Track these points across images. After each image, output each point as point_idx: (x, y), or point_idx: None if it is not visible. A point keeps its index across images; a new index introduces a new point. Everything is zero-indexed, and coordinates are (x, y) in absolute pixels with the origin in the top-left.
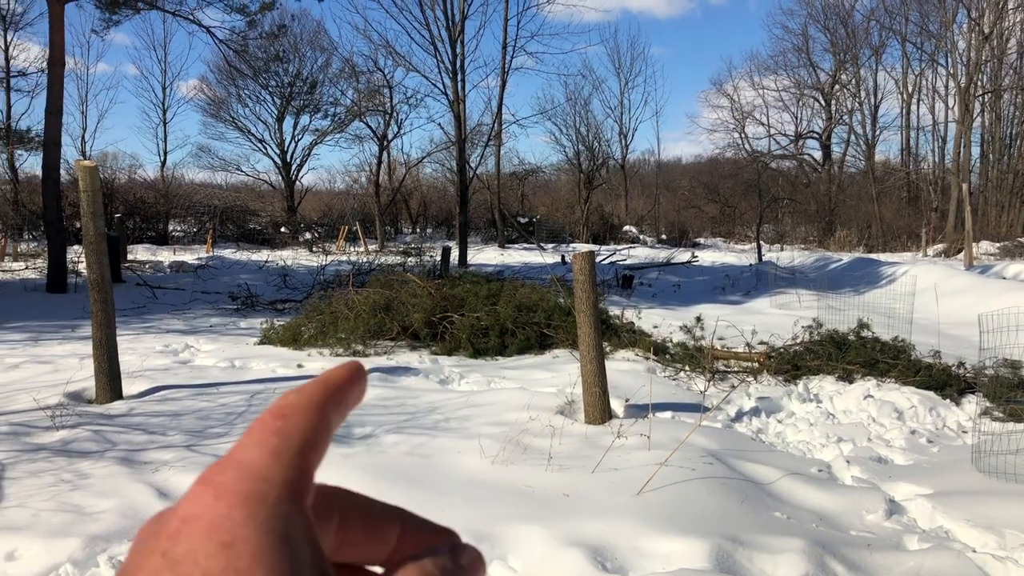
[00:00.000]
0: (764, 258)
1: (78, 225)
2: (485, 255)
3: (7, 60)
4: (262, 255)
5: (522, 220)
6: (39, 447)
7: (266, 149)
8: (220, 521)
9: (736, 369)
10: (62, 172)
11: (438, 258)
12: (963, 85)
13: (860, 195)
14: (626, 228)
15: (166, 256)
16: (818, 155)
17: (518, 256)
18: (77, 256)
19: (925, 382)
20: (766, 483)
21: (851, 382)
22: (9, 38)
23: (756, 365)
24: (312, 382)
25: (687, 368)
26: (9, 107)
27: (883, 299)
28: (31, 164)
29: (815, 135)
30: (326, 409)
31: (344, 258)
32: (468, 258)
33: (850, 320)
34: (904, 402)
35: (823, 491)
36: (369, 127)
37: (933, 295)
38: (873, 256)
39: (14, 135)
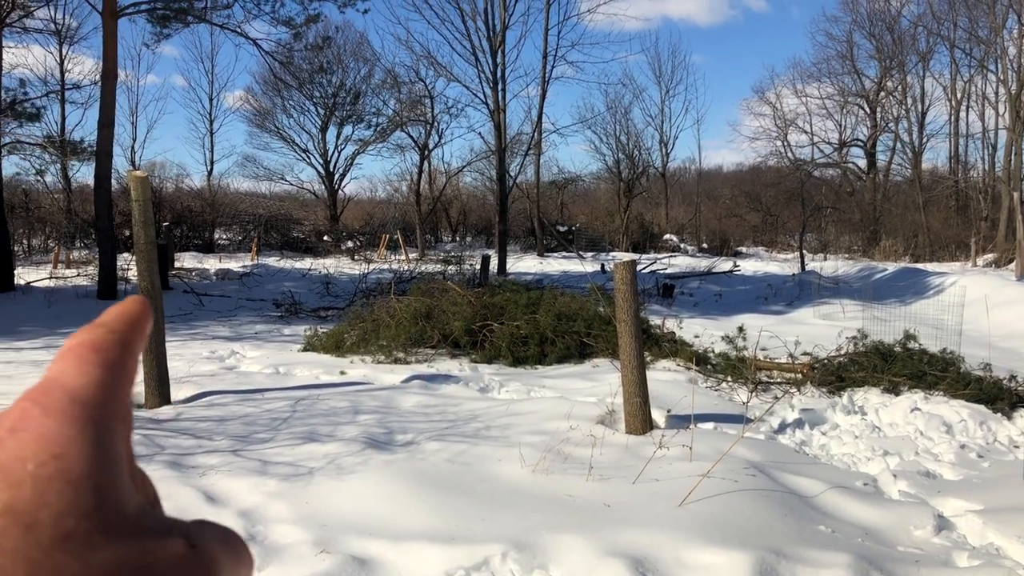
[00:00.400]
0: (807, 268)
1: (127, 233)
2: (524, 263)
3: (62, 74)
4: (305, 263)
5: (561, 229)
6: None
7: (310, 159)
8: (50, 435)
9: (779, 380)
10: (112, 181)
11: (477, 266)
12: (1014, 91)
13: (906, 204)
14: (667, 237)
15: (212, 264)
16: (863, 163)
17: (557, 265)
18: (126, 263)
19: (975, 395)
20: (810, 496)
21: (897, 395)
22: (64, 52)
23: (799, 376)
24: (117, 317)
25: (729, 379)
26: (63, 119)
27: (931, 310)
28: (83, 174)
29: (860, 143)
30: (137, 349)
31: (385, 266)
32: (507, 266)
33: (896, 331)
34: (953, 416)
35: (869, 505)
36: (410, 137)
37: (983, 306)
38: (920, 266)
39: (68, 146)
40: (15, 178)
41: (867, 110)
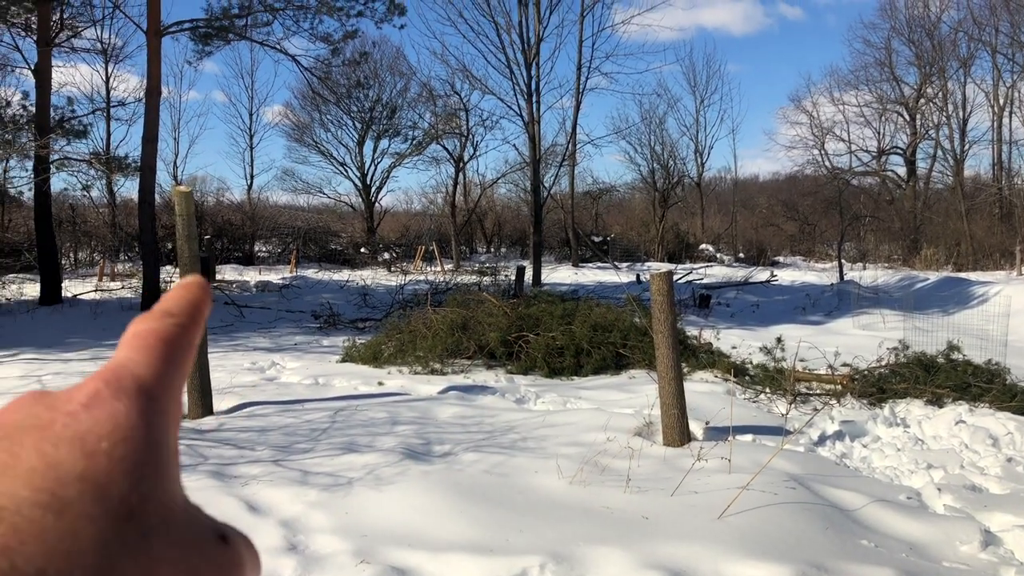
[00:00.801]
0: (846, 277)
1: (170, 246)
2: (559, 274)
3: (108, 91)
4: (343, 275)
5: (596, 239)
6: None
7: (347, 172)
8: (121, 418)
9: (818, 392)
10: (156, 196)
11: (512, 277)
12: None
13: (948, 212)
14: (702, 246)
15: (252, 276)
16: (902, 171)
17: (592, 275)
18: (169, 276)
19: (1022, 407)
20: (852, 509)
21: (941, 406)
22: (110, 71)
23: (839, 388)
24: (182, 305)
25: (767, 390)
26: (109, 135)
27: (974, 320)
28: (128, 188)
29: (899, 151)
30: (197, 340)
31: (421, 278)
32: (542, 277)
33: (939, 342)
34: (999, 428)
35: (913, 519)
36: (446, 149)
37: None
38: (962, 275)
39: (113, 162)
40: (63, 193)
41: (907, 117)
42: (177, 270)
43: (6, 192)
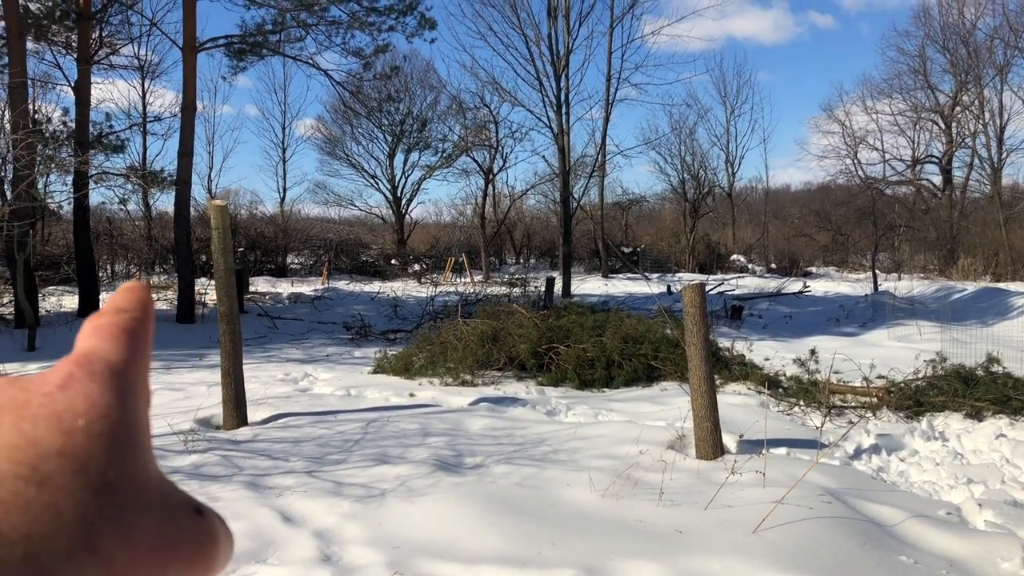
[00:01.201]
0: (880, 288)
1: (204, 258)
2: (589, 285)
3: (144, 107)
4: (374, 286)
5: (626, 250)
6: (174, 470)
7: (378, 185)
8: (96, 397)
9: (853, 404)
10: (190, 209)
11: (542, 289)
12: None
13: (986, 221)
14: (734, 257)
15: (285, 288)
16: (937, 180)
17: (622, 286)
18: (203, 288)
19: None
20: (889, 525)
21: (981, 420)
22: (147, 86)
23: (875, 400)
24: (133, 303)
25: (801, 403)
26: (145, 150)
27: (1014, 331)
28: (163, 202)
29: (934, 159)
30: (151, 331)
31: (451, 289)
32: (572, 288)
33: (977, 354)
34: None
35: (953, 535)
36: (475, 161)
37: None
38: (1001, 286)
39: (149, 176)
40: (100, 207)
41: (942, 126)
42: (212, 282)
43: (46, 206)
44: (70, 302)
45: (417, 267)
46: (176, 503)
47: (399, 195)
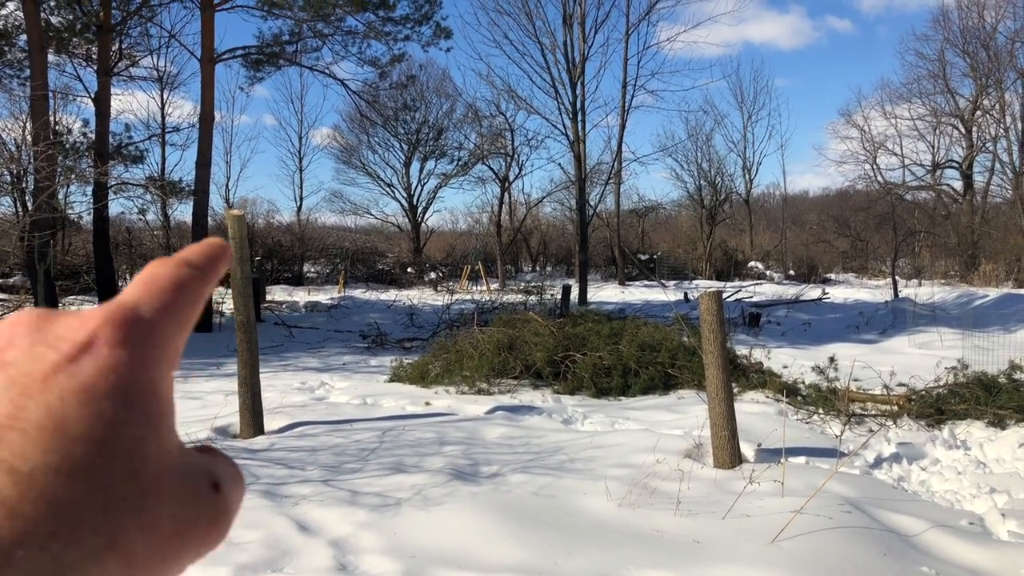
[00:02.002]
0: (901, 294)
1: None
2: (605, 293)
3: (163, 117)
4: (390, 295)
5: (642, 257)
6: None
7: (394, 193)
8: (122, 370)
9: (873, 412)
10: (208, 218)
11: (558, 296)
12: None
13: (1008, 226)
14: (751, 264)
15: (301, 296)
16: (958, 185)
17: (639, 293)
18: (220, 297)
19: None
20: (910, 535)
21: (1003, 428)
22: (165, 97)
23: (895, 408)
24: (203, 258)
25: (820, 411)
26: (163, 160)
27: None
28: (181, 211)
29: (954, 164)
30: (208, 295)
31: (467, 297)
32: (588, 296)
33: (1000, 361)
34: None
35: (976, 546)
36: (491, 169)
37: None
38: None
39: (168, 186)
40: (119, 217)
41: (962, 130)
42: (229, 291)
43: (66, 217)
44: None
45: (433, 275)
46: (195, 480)
47: (415, 203)
